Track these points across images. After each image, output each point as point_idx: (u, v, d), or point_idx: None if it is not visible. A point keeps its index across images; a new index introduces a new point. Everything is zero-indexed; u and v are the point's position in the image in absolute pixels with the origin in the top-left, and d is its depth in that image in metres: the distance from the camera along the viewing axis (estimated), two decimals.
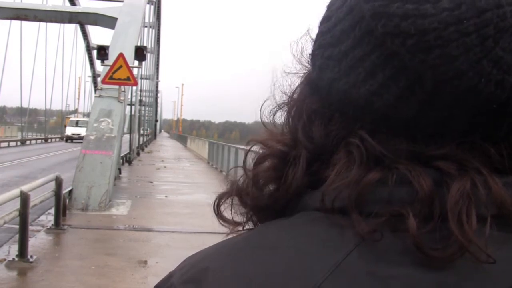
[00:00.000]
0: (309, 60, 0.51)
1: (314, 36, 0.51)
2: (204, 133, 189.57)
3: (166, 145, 51.49)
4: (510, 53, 0.39)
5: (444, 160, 0.41)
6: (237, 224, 0.50)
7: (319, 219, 0.43)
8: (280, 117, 0.53)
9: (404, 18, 0.40)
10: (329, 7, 0.49)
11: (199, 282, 0.43)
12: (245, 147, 0.55)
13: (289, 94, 0.52)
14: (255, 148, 0.53)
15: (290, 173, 0.46)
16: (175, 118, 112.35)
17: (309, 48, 0.51)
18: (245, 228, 0.51)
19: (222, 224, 0.51)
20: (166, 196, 12.41)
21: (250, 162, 0.51)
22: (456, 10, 0.39)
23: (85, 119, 39.12)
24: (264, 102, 0.54)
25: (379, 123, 0.43)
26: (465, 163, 0.41)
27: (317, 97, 0.48)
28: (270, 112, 0.54)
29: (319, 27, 0.49)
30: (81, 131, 35.63)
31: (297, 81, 0.52)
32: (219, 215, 0.51)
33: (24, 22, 28.68)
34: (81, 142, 12.23)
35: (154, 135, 64.94)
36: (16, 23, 32.19)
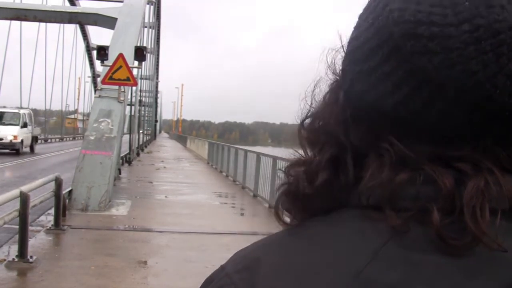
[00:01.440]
0: (340, 73, 0.57)
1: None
2: (203, 134, 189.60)
3: (165, 146, 51.48)
4: None
5: (462, 161, 0.47)
6: (288, 225, 0.56)
7: (357, 215, 0.49)
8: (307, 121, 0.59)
9: (431, 39, 0.46)
10: (356, 28, 0.55)
11: (253, 270, 0.49)
12: (247, 149, 0.62)
13: (318, 101, 0.58)
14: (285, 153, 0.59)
15: (342, 174, 0.52)
16: (175, 119, 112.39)
17: (339, 62, 0.57)
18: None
19: (281, 225, 0.56)
20: (166, 197, 12.42)
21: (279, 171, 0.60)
22: (475, 32, 0.46)
23: (12, 109, 29.33)
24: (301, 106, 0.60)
25: (404, 129, 0.49)
26: (479, 164, 0.47)
27: (350, 106, 0.54)
28: (302, 116, 0.59)
29: (348, 46, 0.55)
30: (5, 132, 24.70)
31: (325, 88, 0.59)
32: (279, 219, 0.57)
33: (24, 22, 28.67)
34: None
35: (154, 136, 64.92)
36: (16, 23, 32.19)
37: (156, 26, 41.18)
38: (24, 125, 26.69)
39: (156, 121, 68.55)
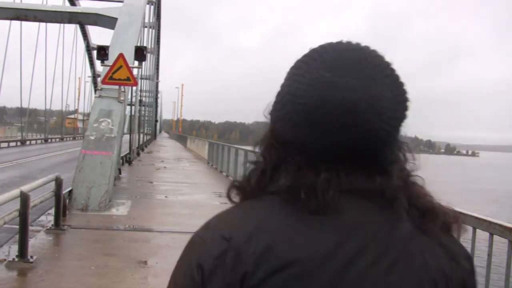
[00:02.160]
0: (269, 115, 0.94)
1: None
2: (204, 134, 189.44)
3: (166, 145, 51.46)
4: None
5: (318, 164, 0.86)
6: (234, 202, 0.94)
7: (268, 197, 0.88)
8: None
9: (316, 105, 0.84)
10: (279, 94, 0.92)
11: (208, 224, 0.89)
12: (247, 149, 1.47)
13: (264, 133, 0.96)
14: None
15: (265, 179, 0.91)
16: (175, 119, 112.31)
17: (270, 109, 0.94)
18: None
19: (230, 200, 0.95)
20: (166, 197, 12.41)
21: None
22: (320, 106, 0.84)
23: None
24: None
25: (300, 150, 0.87)
26: (330, 167, 0.86)
27: (273, 136, 0.92)
28: (257, 142, 0.97)
29: (275, 99, 0.93)
30: None
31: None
32: (229, 199, 0.95)
33: (24, 22, 28.64)
34: None
35: (154, 135, 64.89)
36: (16, 23, 32.16)
37: (156, 26, 41.15)
38: None
39: (156, 121, 68.51)
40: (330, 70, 0.85)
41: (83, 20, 17.77)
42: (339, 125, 0.83)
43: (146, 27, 30.29)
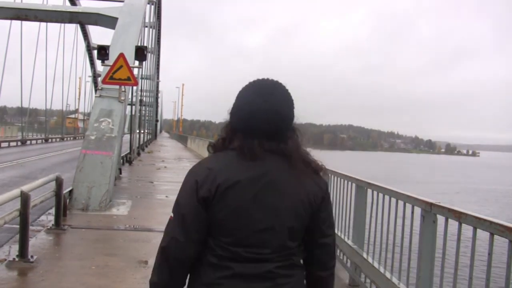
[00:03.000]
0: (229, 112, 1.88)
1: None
2: (204, 133, 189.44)
3: (166, 145, 51.44)
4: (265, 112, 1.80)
5: (252, 137, 1.80)
6: (210, 153, 1.88)
7: (228, 151, 1.80)
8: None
9: (244, 113, 1.81)
10: (234, 104, 1.86)
11: (198, 164, 1.87)
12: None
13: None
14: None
15: (226, 143, 1.83)
16: (176, 118, 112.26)
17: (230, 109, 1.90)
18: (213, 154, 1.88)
19: (209, 151, 1.91)
20: (166, 196, 12.40)
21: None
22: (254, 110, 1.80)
23: None
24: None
25: (242, 131, 1.79)
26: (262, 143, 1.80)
27: (230, 123, 1.85)
28: (223, 126, 1.90)
29: (232, 106, 1.89)
30: None
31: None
32: (208, 151, 1.90)
33: (25, 22, 28.62)
34: None
35: (155, 135, 64.87)
36: (16, 23, 32.14)
37: (157, 26, 41.14)
38: None
39: (157, 120, 68.49)
40: (256, 94, 1.80)
41: (83, 20, 17.77)
42: (260, 120, 1.76)
43: (146, 27, 30.28)
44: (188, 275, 1.82)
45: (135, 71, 14.29)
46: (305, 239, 1.83)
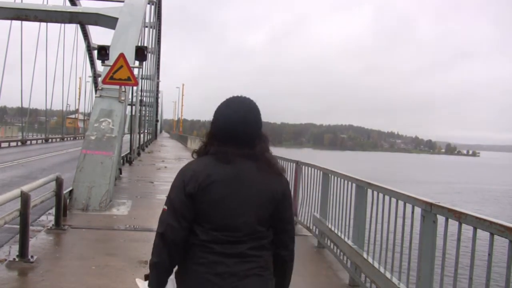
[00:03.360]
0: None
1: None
2: (205, 133, 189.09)
3: (166, 145, 51.45)
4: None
5: (227, 144, 2.28)
6: (194, 158, 2.37)
7: (208, 156, 2.26)
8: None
9: (220, 123, 2.29)
10: (214, 116, 2.32)
11: (186, 166, 2.33)
12: None
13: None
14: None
15: (207, 148, 2.31)
16: (176, 118, 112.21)
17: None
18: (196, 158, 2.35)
19: (193, 157, 2.39)
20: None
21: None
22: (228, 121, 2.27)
23: None
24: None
25: (219, 139, 2.26)
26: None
27: (210, 132, 2.32)
28: (204, 134, 2.43)
29: (213, 117, 2.36)
30: None
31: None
32: (192, 156, 2.38)
33: (25, 22, 28.62)
34: None
35: (155, 135, 64.87)
36: (16, 23, 32.13)
37: (157, 26, 41.14)
38: None
39: (157, 121, 68.49)
40: (229, 108, 2.25)
41: (83, 20, 17.77)
42: (232, 130, 2.21)
43: (146, 27, 30.28)
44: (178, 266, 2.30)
45: (135, 71, 14.29)
46: (272, 226, 2.30)
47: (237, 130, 2.21)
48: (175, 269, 2.32)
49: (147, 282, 2.33)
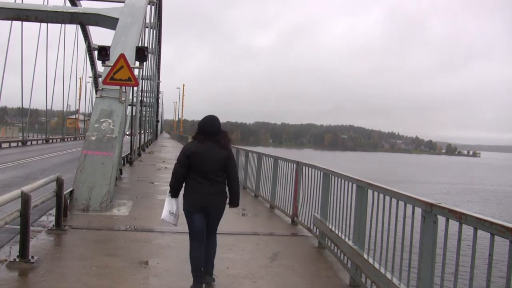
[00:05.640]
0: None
1: None
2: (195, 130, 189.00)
3: (167, 146, 51.48)
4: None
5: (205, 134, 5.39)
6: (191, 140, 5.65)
7: (195, 140, 5.42)
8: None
9: (201, 125, 5.46)
10: (198, 124, 5.58)
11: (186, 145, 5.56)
12: (248, 149, 11.79)
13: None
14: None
15: (196, 136, 5.49)
16: (176, 119, 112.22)
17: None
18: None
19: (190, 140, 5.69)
20: None
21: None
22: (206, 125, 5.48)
23: None
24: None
25: (201, 132, 5.41)
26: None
27: (198, 129, 5.45)
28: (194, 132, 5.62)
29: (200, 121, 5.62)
30: None
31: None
32: (190, 139, 5.64)
33: (25, 23, 28.63)
34: None
35: (155, 136, 64.90)
36: (17, 23, 32.14)
37: (157, 26, 41.17)
38: None
39: (158, 121, 68.52)
40: (205, 119, 5.41)
41: (84, 20, 17.77)
42: (206, 129, 5.33)
43: (147, 27, 30.29)
44: (183, 188, 5.38)
45: (136, 71, 14.30)
46: (225, 172, 5.32)
47: (208, 129, 5.33)
48: (181, 192, 5.41)
49: (169, 194, 5.49)
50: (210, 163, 5.17)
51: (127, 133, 29.14)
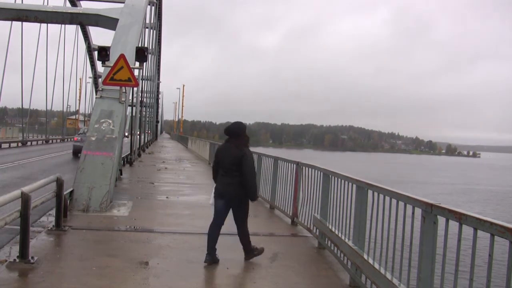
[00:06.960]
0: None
1: None
2: (205, 134, 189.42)
3: (167, 146, 51.47)
4: None
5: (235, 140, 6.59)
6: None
7: (225, 142, 6.74)
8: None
9: (226, 130, 6.87)
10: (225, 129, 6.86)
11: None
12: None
13: None
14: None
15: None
16: (176, 119, 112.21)
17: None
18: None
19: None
20: (167, 197, 12.42)
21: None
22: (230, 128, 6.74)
23: None
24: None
25: (227, 135, 6.69)
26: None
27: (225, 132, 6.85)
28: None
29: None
30: None
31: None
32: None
33: (25, 23, 28.64)
34: None
35: (155, 136, 64.91)
36: (17, 24, 32.16)
37: (157, 26, 41.18)
38: None
39: (158, 121, 68.56)
40: (229, 126, 6.63)
41: (84, 20, 17.77)
42: (229, 133, 6.55)
43: (147, 28, 30.30)
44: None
45: (136, 72, 14.31)
46: (239, 169, 6.31)
47: (229, 131, 6.54)
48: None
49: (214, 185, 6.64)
50: (227, 160, 6.40)
51: (126, 134, 29.17)
